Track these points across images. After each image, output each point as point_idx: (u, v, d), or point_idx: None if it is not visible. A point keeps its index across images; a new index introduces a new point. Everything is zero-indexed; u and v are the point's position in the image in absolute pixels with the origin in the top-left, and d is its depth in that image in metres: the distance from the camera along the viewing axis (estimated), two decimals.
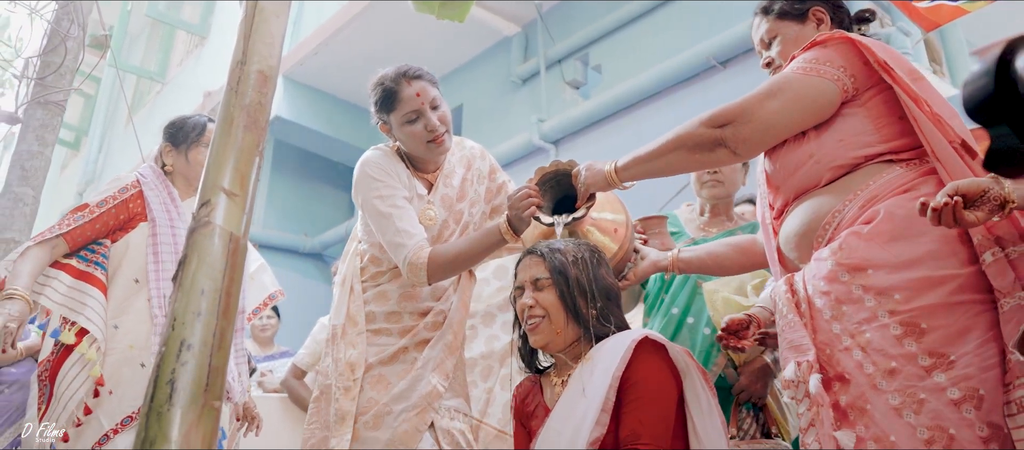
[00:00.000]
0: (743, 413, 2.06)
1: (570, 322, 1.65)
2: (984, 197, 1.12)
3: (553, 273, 1.66)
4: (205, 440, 1.08)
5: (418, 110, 1.91)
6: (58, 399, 2.12)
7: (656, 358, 1.56)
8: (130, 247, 2.28)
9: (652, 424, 1.49)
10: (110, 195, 2.28)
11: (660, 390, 1.53)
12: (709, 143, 1.46)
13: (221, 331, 1.13)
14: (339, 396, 1.88)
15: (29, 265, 2.12)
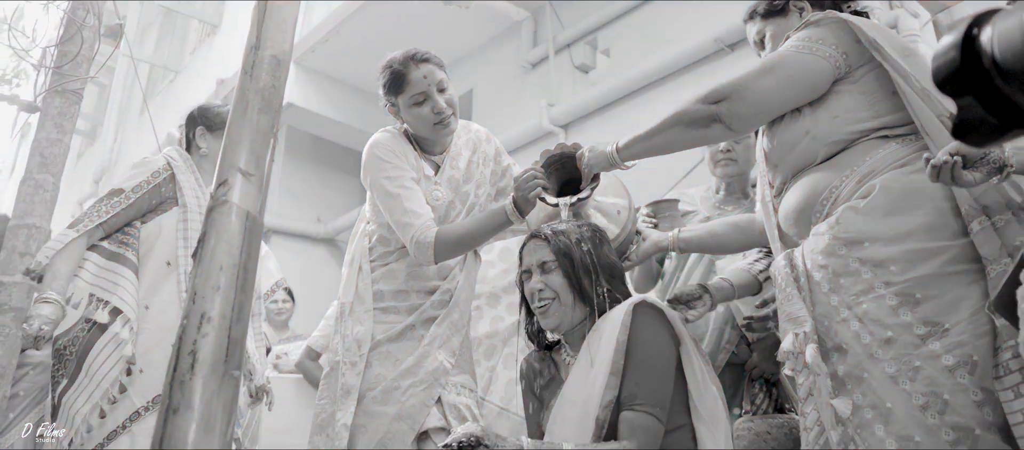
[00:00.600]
0: (756, 389, 2.10)
1: (578, 302, 1.70)
2: (984, 159, 1.15)
3: (558, 255, 1.71)
4: (225, 407, 1.14)
5: (425, 92, 1.97)
6: (90, 376, 2.18)
7: (653, 320, 1.61)
8: (163, 230, 2.34)
9: (648, 386, 1.54)
10: (143, 180, 2.34)
11: (657, 352, 1.58)
12: (705, 119, 1.50)
13: (239, 304, 1.19)
14: (346, 371, 1.94)
15: (69, 264, 2.21)
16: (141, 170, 2.38)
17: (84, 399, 2.18)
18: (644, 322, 1.60)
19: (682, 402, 1.61)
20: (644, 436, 1.49)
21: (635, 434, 1.49)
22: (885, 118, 1.38)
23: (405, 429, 1.87)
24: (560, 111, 5.13)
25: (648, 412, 1.51)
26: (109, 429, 2.17)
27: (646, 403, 1.52)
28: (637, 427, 1.50)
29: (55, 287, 2.17)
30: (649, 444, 1.49)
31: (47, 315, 2.11)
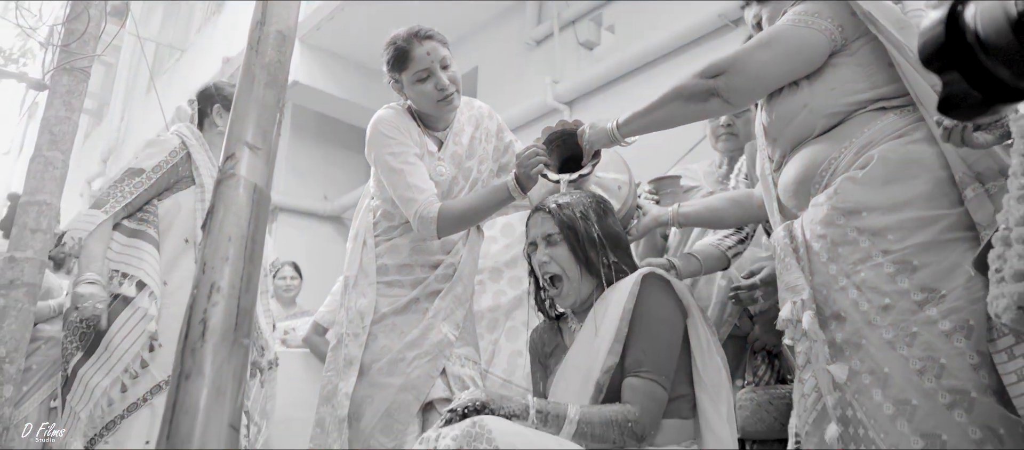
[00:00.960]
0: (758, 361, 2.13)
1: (585, 274, 1.73)
2: (998, 122, 1.16)
3: (562, 228, 1.74)
4: (235, 374, 1.17)
5: (429, 69, 1.99)
6: (110, 351, 2.23)
7: (661, 291, 1.64)
8: (181, 209, 2.39)
9: (654, 353, 1.57)
10: (162, 159, 2.39)
11: (664, 321, 1.61)
12: (703, 93, 1.52)
13: (248, 275, 1.22)
14: (349, 342, 1.98)
15: (101, 245, 2.27)
16: (158, 149, 2.42)
17: (103, 373, 2.22)
18: (652, 292, 1.63)
19: (686, 372, 1.64)
20: (648, 402, 1.52)
21: (639, 400, 1.52)
22: (882, 89, 1.39)
23: (410, 400, 1.92)
24: (564, 88, 5.13)
25: (653, 379, 1.54)
26: (129, 401, 2.22)
27: (652, 371, 1.55)
28: (642, 393, 1.53)
29: (94, 268, 2.22)
30: (652, 411, 1.52)
31: (97, 294, 2.17)
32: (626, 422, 1.50)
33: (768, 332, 2.09)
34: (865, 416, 1.22)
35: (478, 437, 1.34)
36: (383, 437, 1.88)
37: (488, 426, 1.35)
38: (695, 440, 1.62)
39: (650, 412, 1.52)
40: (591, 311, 1.70)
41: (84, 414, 2.20)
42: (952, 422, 1.14)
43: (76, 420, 2.20)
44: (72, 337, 2.28)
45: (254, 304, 1.24)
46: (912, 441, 1.15)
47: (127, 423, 2.22)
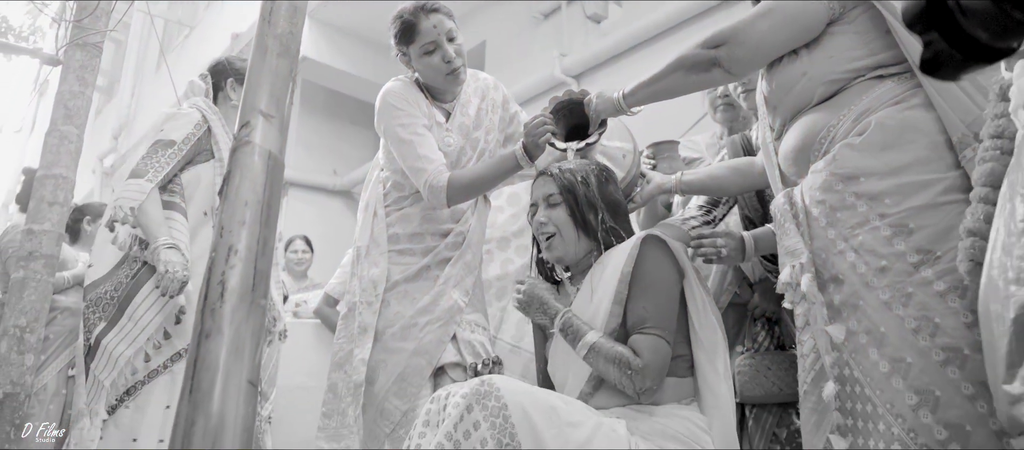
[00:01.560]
0: (757, 328, 2.17)
1: (582, 236, 1.78)
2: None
3: (562, 191, 1.78)
4: (253, 333, 1.22)
5: (435, 42, 2.03)
6: (134, 321, 2.29)
7: (660, 252, 1.68)
8: (201, 182, 2.45)
9: (657, 311, 1.61)
10: (190, 131, 2.44)
11: (664, 281, 1.65)
12: (705, 63, 1.55)
13: (264, 238, 1.27)
14: (362, 310, 2.03)
15: (159, 210, 2.31)
16: (184, 121, 2.47)
17: (127, 344, 2.28)
18: (650, 254, 1.67)
19: (683, 332, 1.69)
20: (654, 356, 1.57)
21: (645, 353, 1.56)
22: (879, 56, 1.42)
23: (423, 364, 1.97)
24: (572, 61, 5.14)
25: (658, 334, 1.59)
26: (151, 369, 2.29)
27: (656, 326, 1.60)
28: (647, 347, 1.57)
29: (163, 232, 2.28)
30: (656, 365, 1.56)
31: (180, 261, 2.23)
32: (628, 367, 1.55)
33: (767, 300, 2.13)
34: (861, 374, 1.26)
35: (487, 395, 1.39)
36: (396, 400, 1.94)
37: (496, 384, 1.40)
38: (694, 398, 1.67)
39: (655, 365, 1.56)
40: (588, 274, 1.75)
41: (107, 382, 2.26)
42: (945, 379, 1.18)
43: (100, 388, 2.26)
44: (95, 308, 2.34)
45: (270, 266, 1.29)
46: (907, 397, 1.19)
47: (147, 389, 2.29)
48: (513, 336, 2.41)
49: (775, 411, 2.02)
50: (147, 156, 2.41)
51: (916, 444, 1.17)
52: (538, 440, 1.37)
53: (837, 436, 1.29)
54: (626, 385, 1.57)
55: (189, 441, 1.11)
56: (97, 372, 2.28)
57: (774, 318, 2.17)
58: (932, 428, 1.16)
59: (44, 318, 2.81)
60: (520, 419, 1.37)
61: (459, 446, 1.36)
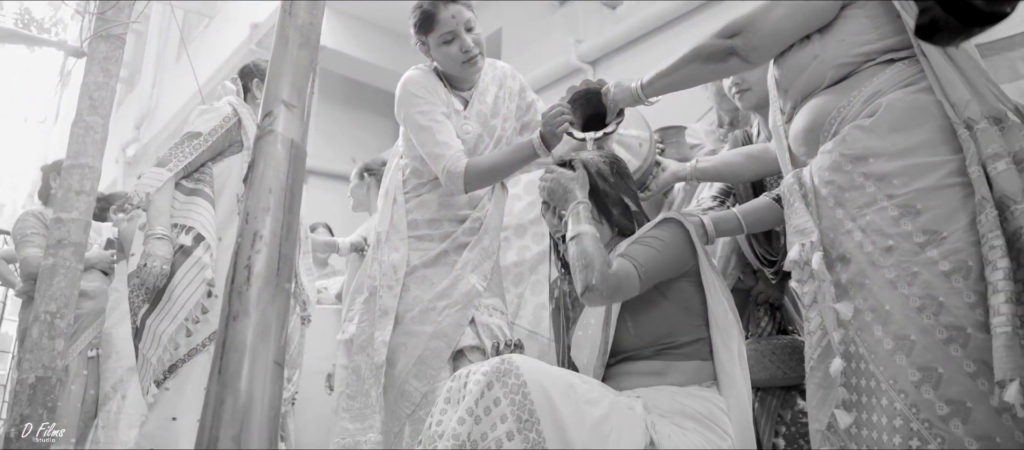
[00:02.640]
0: (760, 313, 2.19)
1: (601, 228, 1.81)
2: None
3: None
4: (279, 316, 1.27)
5: (454, 31, 2.06)
6: (174, 301, 2.43)
7: (677, 229, 1.72)
8: (233, 171, 2.61)
9: (641, 251, 1.65)
10: (217, 124, 2.60)
11: (663, 239, 1.68)
12: (722, 53, 1.57)
13: (288, 224, 1.31)
14: (383, 294, 2.08)
15: (166, 201, 2.47)
16: (214, 115, 2.60)
17: (169, 321, 2.42)
18: (666, 226, 1.72)
19: (701, 315, 1.72)
20: (617, 271, 1.59)
21: (613, 265, 1.60)
22: (889, 40, 1.43)
23: (442, 347, 2.02)
24: (588, 47, 5.15)
25: (631, 261, 1.62)
26: (193, 345, 2.40)
27: (634, 258, 1.63)
28: (617, 264, 1.60)
29: (161, 222, 2.43)
30: (615, 280, 1.58)
31: (164, 254, 2.38)
32: (590, 264, 1.58)
33: (770, 286, 2.15)
34: (866, 351, 1.29)
35: (507, 373, 1.43)
36: (416, 381, 1.99)
37: (516, 363, 1.44)
38: (714, 381, 1.70)
39: (614, 276, 1.57)
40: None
41: (155, 359, 2.39)
42: (948, 356, 1.20)
43: (149, 366, 2.40)
44: (138, 291, 2.45)
45: (294, 251, 1.33)
46: (910, 374, 1.22)
47: (187, 367, 2.41)
48: (531, 321, 2.45)
49: (779, 394, 2.05)
50: (174, 147, 2.57)
51: (918, 419, 1.20)
52: (556, 417, 1.41)
53: (842, 411, 1.31)
54: (578, 277, 1.60)
55: (219, 419, 1.15)
56: (145, 351, 2.42)
57: (776, 304, 2.19)
58: (934, 404, 1.19)
59: (73, 304, 2.89)
60: (539, 396, 1.41)
61: (479, 422, 1.39)
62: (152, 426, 2.37)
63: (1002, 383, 1.11)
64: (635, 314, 1.71)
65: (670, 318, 1.70)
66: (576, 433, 1.40)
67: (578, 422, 1.41)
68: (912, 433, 1.20)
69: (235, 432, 1.14)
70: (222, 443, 1.13)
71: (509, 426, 1.38)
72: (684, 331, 1.69)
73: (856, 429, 1.30)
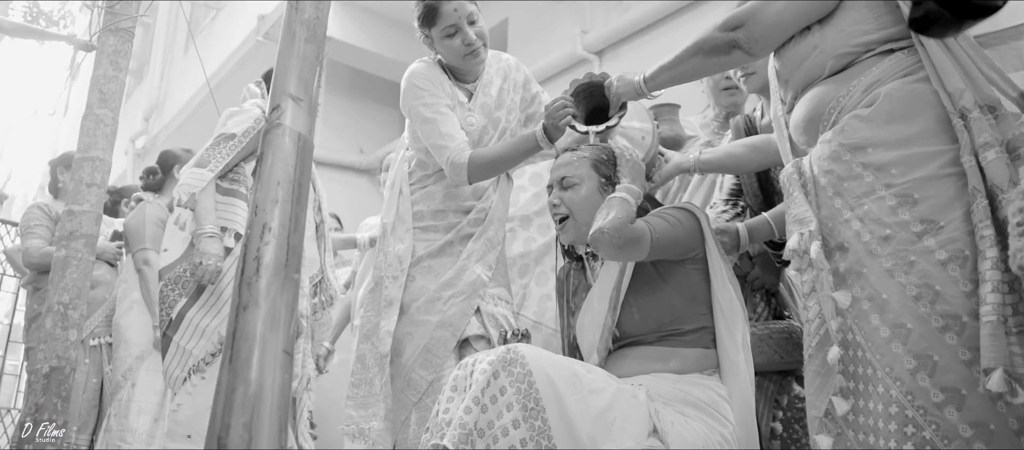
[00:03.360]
0: (756, 299, 2.20)
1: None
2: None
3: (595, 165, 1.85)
4: (288, 305, 1.30)
5: (456, 25, 2.08)
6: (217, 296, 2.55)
7: (687, 216, 1.76)
8: None
9: (657, 222, 1.70)
10: (249, 125, 2.70)
11: (675, 216, 1.73)
12: (725, 46, 1.59)
13: (296, 216, 1.34)
14: (388, 284, 2.11)
15: (212, 200, 2.56)
16: (244, 117, 2.69)
17: (213, 315, 2.53)
18: (679, 210, 1.76)
19: (705, 302, 1.75)
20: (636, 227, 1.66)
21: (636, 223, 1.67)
22: (889, 30, 1.44)
23: (447, 336, 2.04)
24: (593, 38, 5.15)
25: (647, 224, 1.68)
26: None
27: (650, 223, 1.69)
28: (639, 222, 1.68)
29: (210, 220, 2.54)
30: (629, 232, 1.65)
31: (218, 252, 2.49)
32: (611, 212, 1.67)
33: (767, 272, 2.16)
34: (863, 339, 1.31)
35: (512, 362, 1.45)
36: (422, 370, 2.02)
37: (522, 352, 1.47)
38: (716, 369, 1.72)
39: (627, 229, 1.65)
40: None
41: (198, 350, 2.48)
42: (943, 344, 1.22)
43: (187, 356, 2.48)
44: (174, 286, 2.51)
45: (302, 243, 1.35)
46: (906, 361, 1.24)
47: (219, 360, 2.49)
48: (535, 312, 2.47)
49: (776, 379, 2.06)
50: (211, 148, 2.64)
51: (913, 406, 1.22)
52: (561, 406, 1.43)
53: (839, 398, 1.33)
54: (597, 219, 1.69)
55: (230, 406, 1.18)
56: (182, 342, 2.50)
57: (772, 290, 2.20)
58: (929, 391, 1.21)
59: (86, 295, 2.93)
60: (544, 385, 1.44)
61: (486, 410, 1.42)
62: (187, 413, 2.46)
63: (988, 371, 1.13)
64: (640, 299, 1.74)
65: (674, 304, 1.72)
66: (581, 421, 1.42)
67: (582, 410, 1.44)
68: (907, 420, 1.22)
69: (246, 419, 1.17)
70: (234, 430, 1.16)
71: (515, 414, 1.41)
72: (688, 318, 1.72)
73: (853, 416, 1.32)
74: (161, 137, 9.21)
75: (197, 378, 2.47)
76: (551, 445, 1.39)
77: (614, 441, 1.43)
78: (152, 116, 9.77)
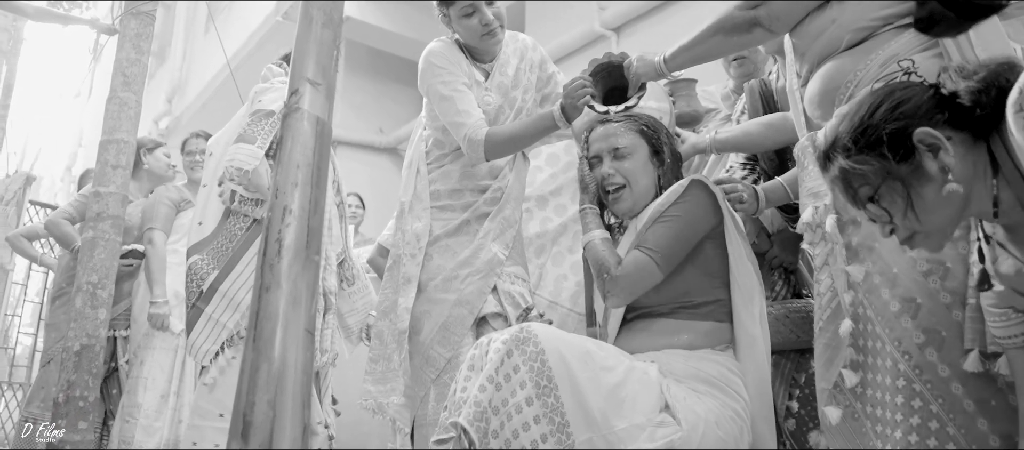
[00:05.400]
0: (775, 277, 2.21)
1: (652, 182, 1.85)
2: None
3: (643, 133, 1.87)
4: (309, 286, 1.33)
5: (474, 4, 2.10)
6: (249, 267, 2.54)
7: (700, 193, 1.75)
8: None
9: (660, 236, 1.70)
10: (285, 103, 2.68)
11: (684, 216, 1.72)
12: (745, 24, 1.59)
13: (315, 198, 1.37)
14: (406, 262, 2.15)
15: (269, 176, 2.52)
16: (278, 94, 2.66)
17: (248, 289, 2.50)
18: (689, 194, 1.75)
19: (722, 276, 1.76)
20: (631, 268, 1.68)
21: (627, 264, 1.69)
22: (907, 4, 1.43)
23: (465, 314, 2.08)
24: (611, 14, 5.12)
25: (648, 253, 1.68)
26: None
27: (652, 248, 1.69)
28: (631, 261, 1.69)
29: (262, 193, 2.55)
30: (631, 278, 1.67)
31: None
32: (605, 271, 1.70)
33: (785, 250, 2.16)
34: (874, 313, 1.32)
35: (525, 341, 1.48)
36: (440, 348, 2.06)
37: (535, 331, 1.49)
38: (729, 344, 1.74)
39: (628, 277, 1.67)
40: (634, 219, 1.83)
41: (231, 323, 2.48)
42: (951, 320, 1.23)
43: (220, 328, 2.49)
44: (206, 259, 2.55)
45: (322, 224, 1.38)
46: (915, 336, 1.25)
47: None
48: (551, 292, 2.50)
49: (793, 358, 2.07)
50: (252, 124, 2.60)
51: (921, 380, 1.23)
52: (574, 383, 1.46)
53: (849, 371, 1.35)
54: (598, 284, 1.70)
55: (254, 384, 1.22)
56: (215, 314, 2.50)
57: (791, 268, 2.20)
58: (936, 366, 1.22)
59: (114, 274, 3.00)
60: (557, 363, 1.46)
61: (500, 389, 1.45)
62: (223, 392, 2.44)
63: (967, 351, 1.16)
64: None
65: (688, 278, 1.74)
66: (593, 398, 1.45)
67: (595, 388, 1.46)
68: (914, 393, 1.24)
69: (270, 396, 1.21)
70: (258, 407, 1.19)
71: (528, 392, 1.43)
72: (702, 291, 1.74)
73: (861, 389, 1.34)
74: (184, 118, 9.30)
75: (231, 353, 2.48)
76: (564, 421, 1.42)
77: (626, 418, 1.46)
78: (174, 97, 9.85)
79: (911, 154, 1.06)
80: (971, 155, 1.07)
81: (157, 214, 3.62)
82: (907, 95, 1.10)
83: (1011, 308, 1.12)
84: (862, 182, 1.11)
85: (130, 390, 3.44)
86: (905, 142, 1.06)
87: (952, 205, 1.06)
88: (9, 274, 5.92)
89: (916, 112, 1.07)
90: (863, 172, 1.10)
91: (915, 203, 1.08)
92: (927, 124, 1.05)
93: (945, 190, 1.04)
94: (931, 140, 1.05)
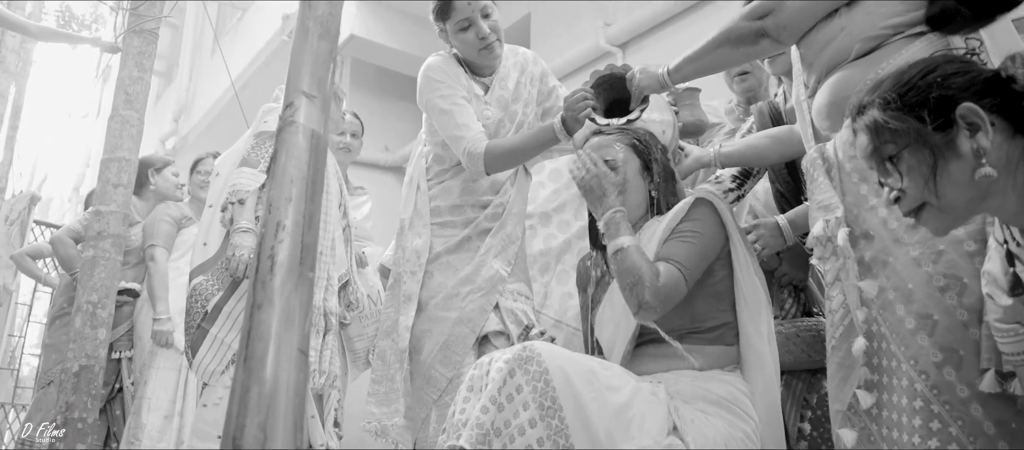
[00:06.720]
0: (784, 295, 2.16)
1: (643, 197, 1.81)
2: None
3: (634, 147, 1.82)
4: (302, 304, 1.29)
5: (470, 18, 2.08)
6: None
7: (707, 210, 1.71)
8: None
9: (684, 250, 1.63)
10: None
11: (701, 233, 1.67)
12: (752, 35, 1.55)
13: (309, 213, 1.33)
14: (406, 280, 2.11)
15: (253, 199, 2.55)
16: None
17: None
18: (697, 212, 1.70)
19: (729, 299, 1.71)
20: (666, 279, 1.57)
21: (661, 276, 1.58)
22: (916, 13, 1.40)
23: (466, 332, 2.03)
24: (616, 31, 5.11)
25: (677, 266, 1.60)
26: None
27: (678, 260, 1.62)
28: (665, 271, 1.59)
29: (247, 216, 2.54)
30: (665, 289, 1.57)
31: (250, 245, 2.49)
32: (639, 281, 1.57)
33: (795, 268, 2.11)
34: (888, 330, 1.27)
35: (529, 360, 1.43)
36: (442, 367, 2.01)
37: (538, 349, 1.44)
38: (737, 365, 1.69)
39: (664, 288, 1.57)
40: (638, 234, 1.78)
41: (236, 343, 2.46)
42: (968, 338, 1.18)
43: (226, 349, 2.48)
44: (210, 280, 2.52)
45: (316, 240, 1.35)
46: (932, 354, 1.20)
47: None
48: (557, 311, 2.45)
49: (805, 377, 2.01)
50: (256, 147, 2.63)
51: (939, 401, 1.18)
52: (579, 403, 1.41)
53: (863, 391, 1.30)
54: (630, 298, 1.59)
55: (245, 406, 1.18)
56: (220, 335, 2.49)
57: (800, 285, 2.15)
58: (955, 386, 1.17)
59: (114, 294, 2.98)
60: (561, 383, 1.41)
61: (502, 410, 1.40)
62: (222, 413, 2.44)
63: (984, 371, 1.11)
64: None
65: (696, 303, 1.68)
66: (598, 419, 1.40)
67: (600, 408, 1.41)
68: (932, 415, 1.18)
69: (261, 419, 1.16)
70: (248, 430, 1.15)
71: (531, 413, 1.38)
72: (710, 316, 1.69)
73: (876, 410, 1.29)
74: (190, 138, 9.32)
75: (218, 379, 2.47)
76: (568, 444, 1.37)
77: (632, 439, 1.41)
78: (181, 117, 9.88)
79: (949, 126, 1.04)
80: (1007, 146, 1.04)
81: (158, 231, 3.61)
82: (963, 68, 1.08)
83: (1018, 323, 1.07)
84: (890, 138, 1.08)
85: (135, 411, 3.41)
86: (948, 112, 1.04)
87: (977, 189, 1.04)
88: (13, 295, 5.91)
89: (967, 86, 1.05)
90: (896, 129, 1.07)
91: (939, 175, 1.05)
92: (975, 102, 1.03)
93: (978, 173, 1.02)
94: (974, 118, 1.03)
